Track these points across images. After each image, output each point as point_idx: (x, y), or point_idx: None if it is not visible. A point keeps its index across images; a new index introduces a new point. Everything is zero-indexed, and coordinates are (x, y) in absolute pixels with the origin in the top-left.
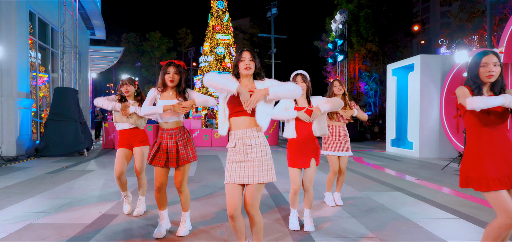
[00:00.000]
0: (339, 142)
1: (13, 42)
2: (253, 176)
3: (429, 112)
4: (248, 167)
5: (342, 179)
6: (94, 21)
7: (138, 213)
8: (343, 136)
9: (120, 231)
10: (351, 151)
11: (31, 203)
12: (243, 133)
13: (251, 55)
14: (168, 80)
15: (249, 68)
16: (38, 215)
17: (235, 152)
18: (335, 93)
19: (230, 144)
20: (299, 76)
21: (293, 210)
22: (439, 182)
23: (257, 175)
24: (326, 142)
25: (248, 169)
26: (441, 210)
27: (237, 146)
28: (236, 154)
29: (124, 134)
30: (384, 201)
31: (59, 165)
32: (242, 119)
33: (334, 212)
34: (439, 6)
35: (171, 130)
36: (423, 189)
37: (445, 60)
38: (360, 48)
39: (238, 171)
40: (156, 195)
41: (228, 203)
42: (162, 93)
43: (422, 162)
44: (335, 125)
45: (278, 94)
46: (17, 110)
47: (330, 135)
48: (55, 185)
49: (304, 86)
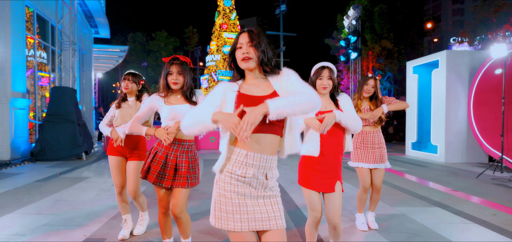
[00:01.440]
0: (372, 152)
1: (7, 39)
2: (275, 218)
3: (455, 112)
4: (267, 205)
5: (377, 198)
6: (98, 19)
7: (138, 232)
8: (377, 144)
9: None
10: (388, 163)
11: (6, 222)
12: (268, 160)
13: (249, 38)
14: (172, 83)
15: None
16: (10, 238)
17: (248, 183)
18: (363, 93)
19: (240, 171)
20: (326, 70)
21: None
22: (481, 195)
23: (279, 217)
24: (355, 152)
25: (266, 208)
26: (498, 234)
27: (255, 176)
28: (249, 187)
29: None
30: (424, 220)
31: (53, 170)
32: (269, 138)
33: (367, 239)
34: (451, 4)
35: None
36: (465, 204)
37: (473, 55)
38: (374, 46)
39: (253, 211)
40: (160, 220)
41: None
42: (167, 98)
43: (449, 168)
44: (365, 130)
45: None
46: (11, 111)
47: (360, 142)
48: (41, 196)
49: (329, 84)
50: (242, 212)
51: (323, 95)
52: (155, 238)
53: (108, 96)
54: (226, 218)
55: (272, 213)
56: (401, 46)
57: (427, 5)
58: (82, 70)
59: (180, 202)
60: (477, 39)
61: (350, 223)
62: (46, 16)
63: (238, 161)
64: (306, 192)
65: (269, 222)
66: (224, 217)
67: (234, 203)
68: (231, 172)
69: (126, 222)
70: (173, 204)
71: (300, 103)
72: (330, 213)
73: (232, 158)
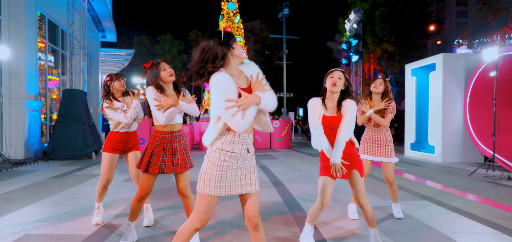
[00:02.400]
0: (378, 147)
1: (21, 43)
2: (252, 184)
3: (452, 114)
4: (245, 174)
5: (392, 190)
6: (105, 23)
7: (150, 223)
8: (383, 142)
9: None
10: (395, 158)
11: (31, 211)
12: (247, 137)
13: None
14: (169, 75)
15: None
16: (37, 224)
17: (233, 158)
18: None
19: (227, 147)
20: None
21: (310, 226)
22: (469, 190)
23: (255, 183)
24: (362, 145)
25: (245, 177)
26: (478, 223)
27: (237, 152)
28: (233, 160)
29: (116, 137)
30: (411, 212)
31: (66, 168)
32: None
33: (357, 226)
34: (455, 6)
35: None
36: (453, 198)
37: (469, 58)
38: (375, 48)
39: (234, 179)
40: (135, 204)
41: (207, 213)
42: (163, 95)
43: (445, 167)
44: (374, 128)
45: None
46: (25, 112)
47: (368, 138)
48: (58, 190)
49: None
50: (221, 181)
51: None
52: (162, 231)
53: None
54: (208, 186)
55: (249, 180)
56: (402, 48)
57: (431, 7)
58: (90, 73)
59: (186, 183)
60: (476, 42)
61: (342, 214)
62: (56, 22)
63: (227, 140)
64: (322, 179)
65: (247, 188)
66: (206, 184)
67: (217, 175)
68: (221, 149)
69: (98, 209)
70: (182, 187)
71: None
72: (357, 195)
73: (222, 137)
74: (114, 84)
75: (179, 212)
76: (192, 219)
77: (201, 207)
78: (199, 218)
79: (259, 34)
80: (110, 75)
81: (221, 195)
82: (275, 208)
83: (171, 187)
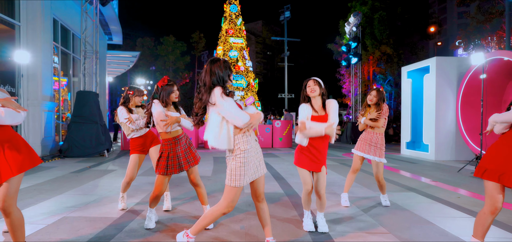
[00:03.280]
0: (369, 146)
1: (38, 48)
2: (263, 167)
3: (445, 114)
4: (259, 161)
5: (381, 184)
6: (112, 27)
7: (168, 208)
8: (375, 142)
9: None
10: (384, 159)
11: (62, 199)
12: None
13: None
14: (175, 97)
15: None
16: (70, 209)
17: (251, 151)
18: (367, 101)
19: (248, 146)
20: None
21: (306, 212)
22: (455, 184)
23: (264, 166)
24: (359, 143)
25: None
26: (455, 209)
27: (253, 145)
28: (252, 153)
29: (136, 141)
30: (397, 200)
31: (82, 165)
32: None
33: (349, 212)
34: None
35: (178, 137)
36: (438, 190)
37: (461, 62)
38: (374, 51)
39: (253, 168)
40: (152, 199)
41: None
42: (166, 108)
43: (437, 164)
44: (370, 130)
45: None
46: (42, 113)
47: (364, 138)
48: (81, 183)
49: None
50: (246, 175)
51: (314, 98)
52: (181, 214)
53: (117, 99)
54: (237, 180)
55: (262, 164)
56: (400, 51)
57: (432, 8)
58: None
59: (196, 173)
60: (472, 45)
61: (336, 202)
62: (68, 26)
63: (243, 141)
64: (300, 170)
65: (260, 171)
66: (236, 179)
67: (244, 170)
68: (243, 149)
69: (123, 198)
70: (193, 177)
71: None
72: (319, 187)
73: (239, 141)
74: (135, 98)
75: (194, 201)
76: (221, 205)
77: (230, 196)
78: (228, 204)
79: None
80: (133, 89)
81: (245, 184)
82: (277, 197)
83: (185, 178)
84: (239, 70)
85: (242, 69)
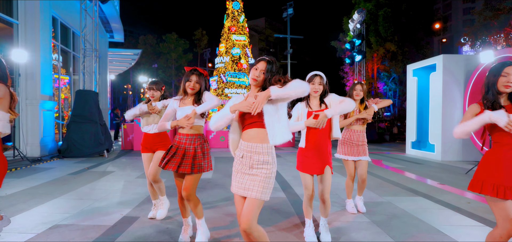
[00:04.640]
0: (356, 147)
1: (37, 46)
2: (252, 190)
3: (451, 113)
4: (250, 180)
5: (363, 185)
6: (113, 25)
7: (161, 216)
8: (361, 141)
9: (142, 235)
10: (368, 157)
11: (56, 204)
12: (253, 147)
13: (265, 66)
14: (189, 88)
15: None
16: (63, 216)
17: (241, 163)
18: (354, 97)
19: (238, 153)
20: (318, 77)
21: (308, 220)
22: (463, 187)
23: (256, 190)
24: (342, 146)
25: (249, 182)
26: (466, 217)
27: (244, 158)
28: (242, 165)
29: (148, 138)
30: (406, 207)
31: (81, 166)
32: (254, 131)
33: (355, 220)
34: (462, 3)
35: (190, 135)
36: (446, 195)
37: (469, 60)
38: (378, 48)
39: (241, 181)
40: (179, 203)
41: (237, 213)
42: (182, 101)
43: (444, 165)
44: (355, 129)
45: (281, 93)
46: (40, 112)
47: (348, 139)
48: (77, 186)
49: (320, 88)
50: (236, 180)
51: (314, 97)
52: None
53: (119, 97)
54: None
55: (251, 186)
56: (405, 48)
57: (437, 4)
58: (99, 73)
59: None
60: (479, 42)
61: (342, 207)
62: (68, 24)
63: (239, 147)
64: (302, 175)
65: (247, 192)
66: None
67: (233, 175)
68: (237, 155)
69: (155, 206)
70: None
71: (292, 88)
72: (322, 191)
73: (239, 147)
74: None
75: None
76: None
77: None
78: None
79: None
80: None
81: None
82: (281, 208)
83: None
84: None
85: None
